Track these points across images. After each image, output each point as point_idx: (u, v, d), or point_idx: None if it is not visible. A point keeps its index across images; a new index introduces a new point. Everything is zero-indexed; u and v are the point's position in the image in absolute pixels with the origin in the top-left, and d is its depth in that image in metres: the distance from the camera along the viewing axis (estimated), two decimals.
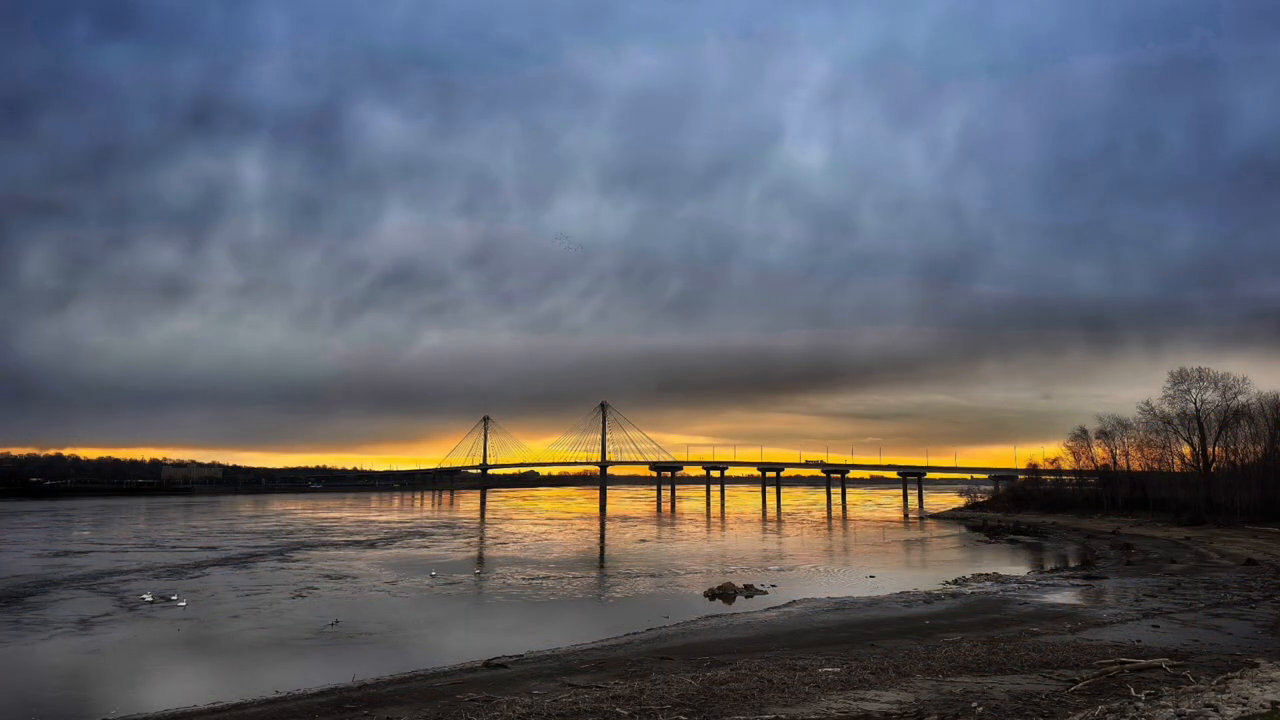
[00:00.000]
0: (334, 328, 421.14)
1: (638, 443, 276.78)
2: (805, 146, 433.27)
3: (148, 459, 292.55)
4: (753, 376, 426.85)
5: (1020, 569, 59.24)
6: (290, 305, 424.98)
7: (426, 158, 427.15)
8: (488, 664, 26.71)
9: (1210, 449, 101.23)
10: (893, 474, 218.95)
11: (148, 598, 42.35)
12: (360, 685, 24.17)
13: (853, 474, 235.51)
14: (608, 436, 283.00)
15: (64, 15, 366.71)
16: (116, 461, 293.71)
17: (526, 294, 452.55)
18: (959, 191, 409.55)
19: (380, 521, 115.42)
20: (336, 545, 75.85)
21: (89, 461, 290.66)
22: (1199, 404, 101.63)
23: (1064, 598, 41.69)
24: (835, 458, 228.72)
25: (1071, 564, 62.75)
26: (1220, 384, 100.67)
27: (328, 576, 52.31)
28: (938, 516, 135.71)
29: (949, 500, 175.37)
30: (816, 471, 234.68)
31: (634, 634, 32.76)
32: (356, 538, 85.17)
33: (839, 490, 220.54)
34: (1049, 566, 61.24)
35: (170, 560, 61.53)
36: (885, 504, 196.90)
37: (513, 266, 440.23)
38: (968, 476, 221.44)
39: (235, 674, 27.42)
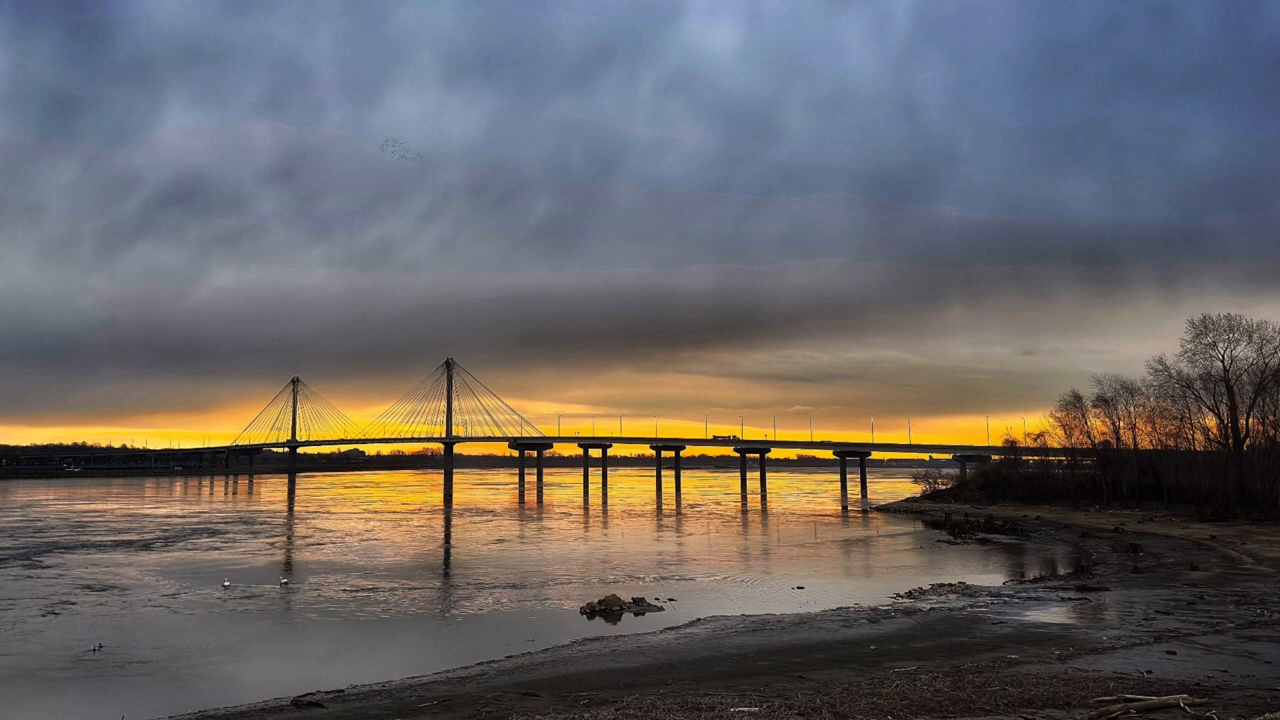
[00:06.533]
0: (96, 262, 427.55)
1: (494, 412, 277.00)
2: (713, 26, 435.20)
3: None
4: (645, 326, 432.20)
5: (994, 578, 61.46)
6: (39, 233, 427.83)
7: (218, 41, 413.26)
8: (298, 702, 27.85)
9: (1243, 420, 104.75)
10: (827, 453, 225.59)
11: None
12: None
13: (775, 453, 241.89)
14: (455, 405, 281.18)
15: None
16: None
17: (348, 219, 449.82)
18: (914, 84, 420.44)
19: (158, 516, 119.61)
20: (100, 547, 78.52)
21: None
22: (1228, 361, 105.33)
23: (1051, 615, 43.05)
24: (753, 432, 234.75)
25: (1061, 571, 65.61)
26: (1256, 335, 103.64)
27: (89, 588, 54.43)
28: (886, 509, 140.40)
29: (901, 487, 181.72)
30: (728, 450, 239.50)
31: (489, 663, 34.38)
32: (127, 537, 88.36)
33: (757, 474, 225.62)
34: (1032, 574, 63.68)
35: None
36: (818, 492, 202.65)
37: (330, 183, 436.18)
38: (925, 457, 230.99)
39: None
